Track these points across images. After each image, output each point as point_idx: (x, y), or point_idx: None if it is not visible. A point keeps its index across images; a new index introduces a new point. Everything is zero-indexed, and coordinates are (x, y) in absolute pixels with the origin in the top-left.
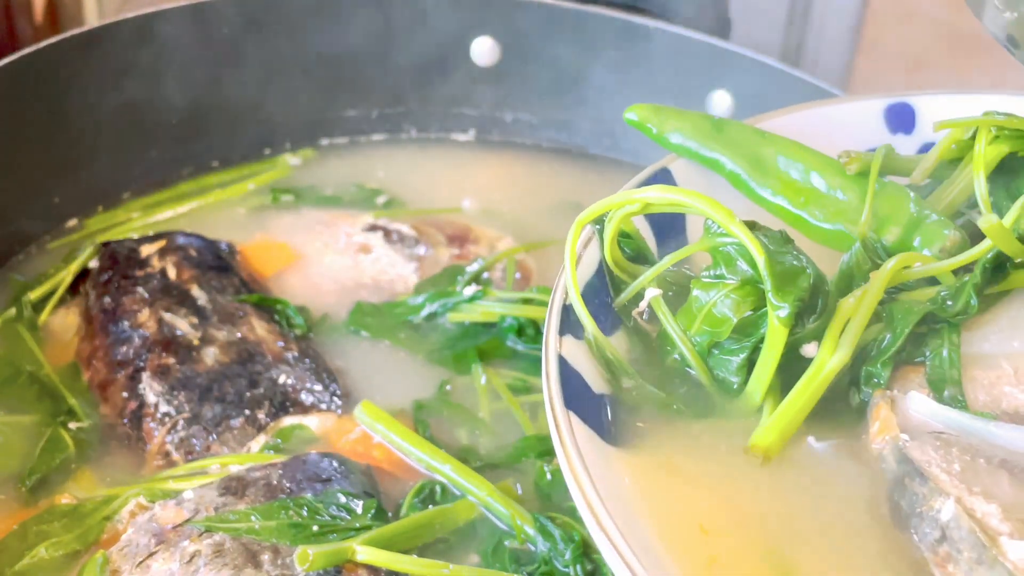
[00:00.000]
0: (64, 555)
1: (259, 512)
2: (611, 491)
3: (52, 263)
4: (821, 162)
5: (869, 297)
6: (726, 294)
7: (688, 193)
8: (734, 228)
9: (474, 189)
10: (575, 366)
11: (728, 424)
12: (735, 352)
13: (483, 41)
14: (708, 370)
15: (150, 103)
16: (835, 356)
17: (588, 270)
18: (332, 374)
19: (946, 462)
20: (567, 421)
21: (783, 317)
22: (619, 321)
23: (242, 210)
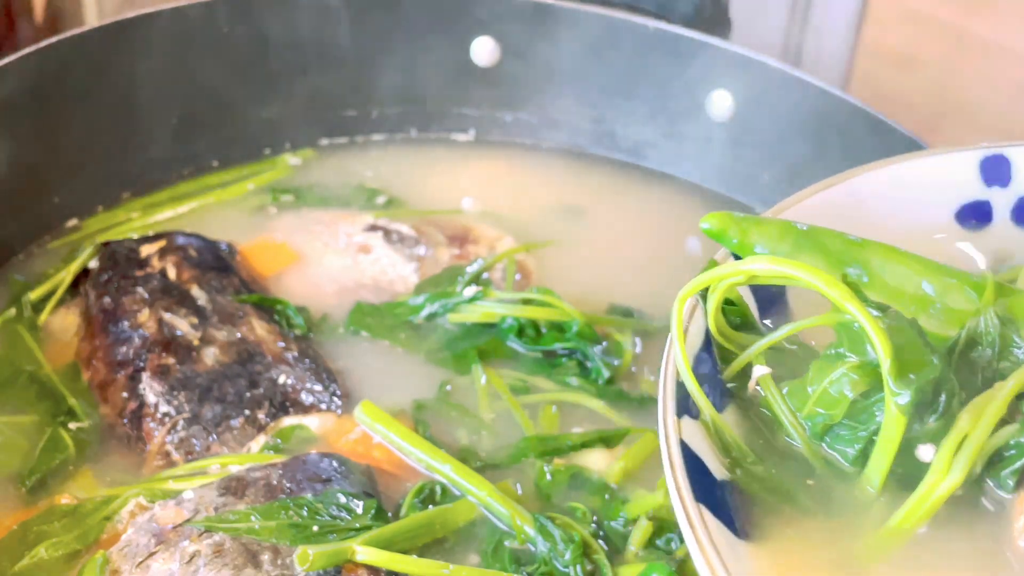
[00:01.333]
0: (64, 555)
1: (259, 512)
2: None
3: (52, 263)
4: (928, 267)
5: (989, 414)
6: (844, 372)
7: (801, 267)
8: (849, 305)
9: (474, 189)
10: (696, 451)
11: (843, 518)
12: (850, 441)
13: (483, 41)
14: (821, 457)
15: (150, 103)
16: (947, 479)
17: (695, 341)
18: (332, 374)
19: None
20: (699, 517)
21: (902, 405)
22: (727, 395)
23: (242, 210)
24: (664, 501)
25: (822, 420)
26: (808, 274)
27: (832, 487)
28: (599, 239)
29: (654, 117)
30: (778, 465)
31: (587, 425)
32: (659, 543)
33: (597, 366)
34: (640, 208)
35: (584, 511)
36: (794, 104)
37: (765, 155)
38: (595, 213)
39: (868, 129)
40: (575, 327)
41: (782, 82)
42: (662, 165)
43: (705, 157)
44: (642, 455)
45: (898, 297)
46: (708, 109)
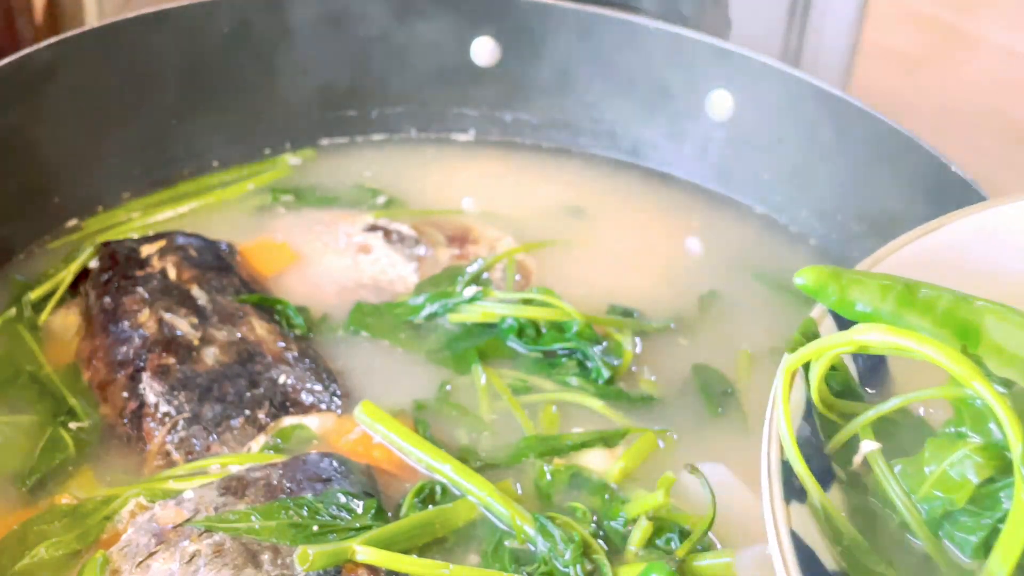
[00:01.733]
0: (64, 555)
1: (259, 512)
2: None
3: (52, 263)
4: None
5: None
6: (967, 455)
7: (921, 339)
8: (976, 383)
9: (474, 189)
10: (808, 542)
11: None
12: (972, 529)
13: (483, 41)
14: (940, 546)
15: (150, 103)
16: None
17: (798, 410)
18: (332, 374)
19: None
20: None
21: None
22: (830, 473)
23: (242, 210)
24: (664, 501)
25: (940, 505)
26: (929, 348)
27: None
28: (599, 239)
29: (654, 117)
30: (890, 554)
31: (587, 425)
32: (659, 543)
33: (597, 366)
34: (640, 208)
35: (584, 511)
36: (794, 104)
37: (765, 155)
38: (595, 213)
39: (868, 129)
40: (575, 327)
41: (782, 82)
42: (662, 165)
43: (705, 157)
44: (642, 455)
45: (1016, 364)
46: (708, 109)
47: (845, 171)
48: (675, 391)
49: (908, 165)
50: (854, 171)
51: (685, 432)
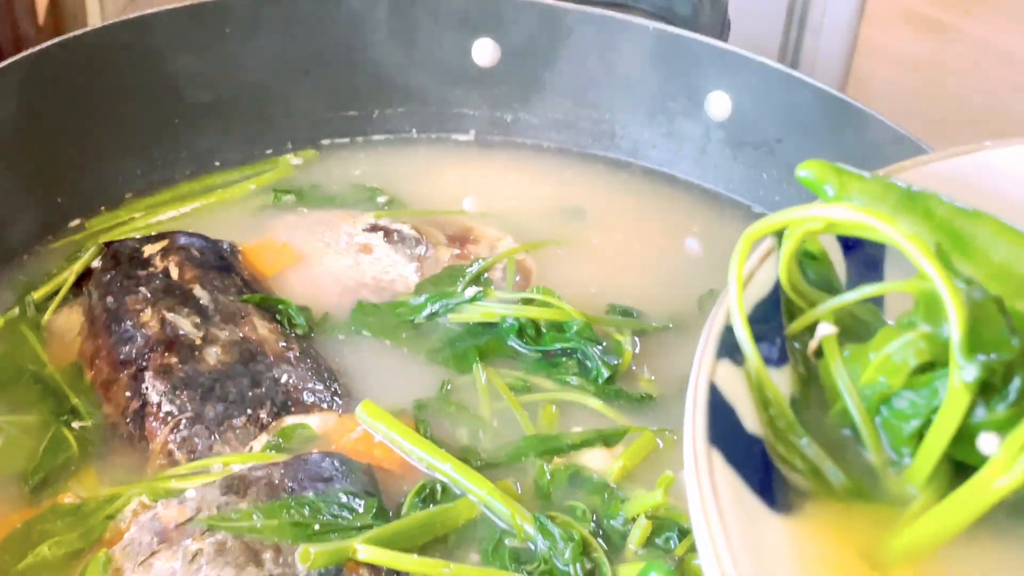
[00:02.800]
0: (67, 554)
1: (261, 511)
2: (751, 559)
3: (55, 263)
4: None
5: None
6: (912, 339)
7: (883, 218)
8: (928, 265)
9: (474, 189)
10: (728, 397)
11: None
12: (908, 416)
13: (483, 41)
14: (874, 430)
15: (152, 103)
16: (1007, 475)
17: (762, 288)
18: (333, 374)
19: None
20: (708, 461)
21: (967, 381)
22: (787, 354)
23: (244, 210)
24: (663, 500)
25: (880, 389)
26: (889, 226)
27: (879, 469)
28: (599, 239)
29: (654, 117)
30: (823, 435)
31: (587, 424)
32: (658, 542)
33: (597, 366)
34: (640, 208)
35: (584, 510)
36: (793, 104)
37: (764, 155)
38: (595, 213)
39: (866, 129)
40: (575, 327)
41: (780, 83)
42: (662, 165)
43: (704, 157)
44: (641, 454)
45: (1003, 277)
46: (707, 109)
47: None
48: (675, 390)
49: None
50: None
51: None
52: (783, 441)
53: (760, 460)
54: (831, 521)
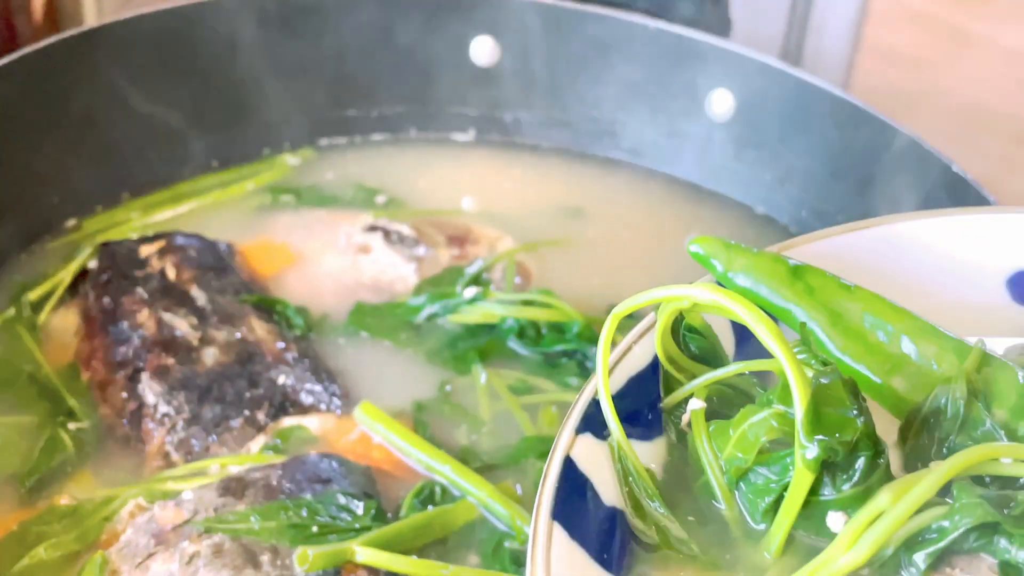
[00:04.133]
0: (63, 556)
1: (259, 513)
2: None
3: (51, 263)
4: (915, 326)
5: (915, 494)
6: (765, 417)
7: (735, 298)
8: (774, 347)
9: (474, 189)
10: (584, 471)
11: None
12: (763, 492)
13: (483, 41)
14: (733, 503)
15: (149, 103)
16: (849, 554)
17: (641, 362)
18: (331, 375)
19: None
20: (547, 536)
21: (808, 460)
22: (663, 427)
23: (242, 210)
24: None
25: (738, 464)
26: (741, 308)
27: (735, 541)
28: (599, 239)
29: (654, 117)
30: (685, 509)
31: None
32: None
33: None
34: (640, 208)
35: None
36: (794, 104)
37: (765, 155)
38: (595, 213)
39: (868, 129)
40: (575, 328)
41: (782, 82)
42: (662, 165)
43: (705, 157)
44: None
45: (875, 352)
46: (708, 109)
47: (846, 171)
48: None
49: (909, 165)
50: (855, 171)
51: None
52: (640, 513)
53: (610, 532)
54: None
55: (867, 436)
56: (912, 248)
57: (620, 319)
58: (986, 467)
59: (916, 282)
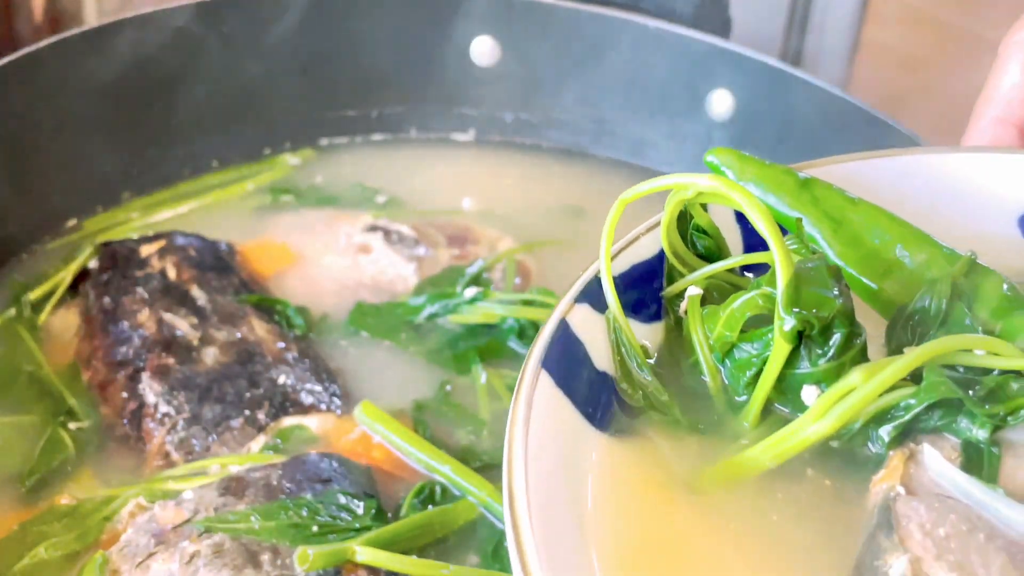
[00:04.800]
0: (64, 555)
1: (259, 512)
2: (554, 466)
3: (51, 263)
4: (911, 234)
5: (887, 374)
6: (753, 296)
7: (732, 185)
8: (763, 228)
9: (474, 189)
10: (578, 334)
11: (712, 440)
12: (746, 365)
13: (483, 41)
14: (718, 376)
15: (149, 103)
16: (817, 424)
17: (648, 252)
18: (332, 374)
19: (932, 524)
20: (533, 381)
21: (785, 331)
22: (660, 312)
23: (242, 210)
24: None
25: (725, 340)
26: (738, 194)
27: (717, 412)
28: (599, 239)
29: (654, 117)
30: (673, 384)
31: None
32: None
33: None
34: (640, 208)
35: None
36: (794, 104)
37: (765, 155)
38: (595, 213)
39: (868, 129)
40: None
41: (782, 82)
42: (662, 165)
43: None
44: None
45: (871, 257)
46: (708, 109)
47: None
48: None
49: None
50: None
51: None
52: (629, 379)
53: (597, 391)
54: (659, 450)
55: (844, 315)
56: (927, 179)
57: (626, 204)
58: (959, 357)
59: (928, 212)
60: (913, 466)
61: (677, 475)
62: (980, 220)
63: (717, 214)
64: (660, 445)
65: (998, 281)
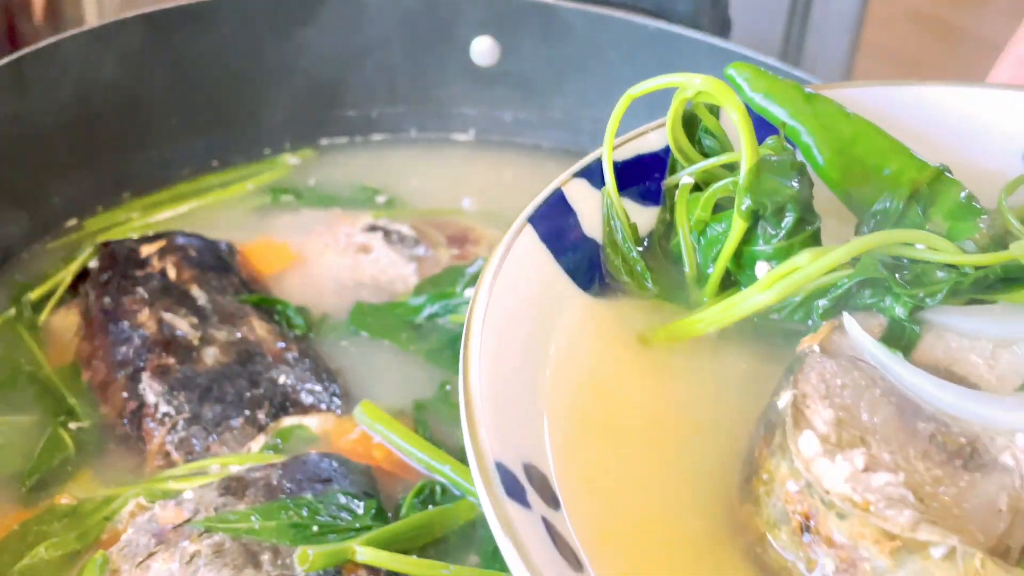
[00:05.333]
0: (64, 555)
1: (259, 512)
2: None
3: (52, 263)
4: (893, 146)
5: (831, 257)
6: (725, 183)
7: (720, 87)
8: (738, 121)
9: (474, 189)
10: (572, 203)
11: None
12: (714, 242)
13: (483, 41)
14: (692, 252)
15: (149, 103)
16: (759, 295)
17: (655, 145)
18: (332, 374)
19: (832, 375)
20: (516, 233)
21: (742, 210)
22: (661, 199)
23: (242, 210)
24: None
25: (700, 220)
26: (723, 94)
27: (689, 283)
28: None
29: (654, 117)
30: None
31: None
32: None
33: None
34: None
35: None
36: None
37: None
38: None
39: None
40: None
41: None
42: None
43: None
44: None
45: (854, 164)
46: None
47: None
48: None
49: None
50: None
51: None
52: (614, 249)
53: (582, 254)
54: (626, 310)
55: (797, 202)
56: (938, 110)
57: (633, 99)
58: (901, 249)
59: (937, 142)
60: (837, 334)
61: (637, 332)
62: (987, 154)
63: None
64: (629, 307)
65: (958, 189)
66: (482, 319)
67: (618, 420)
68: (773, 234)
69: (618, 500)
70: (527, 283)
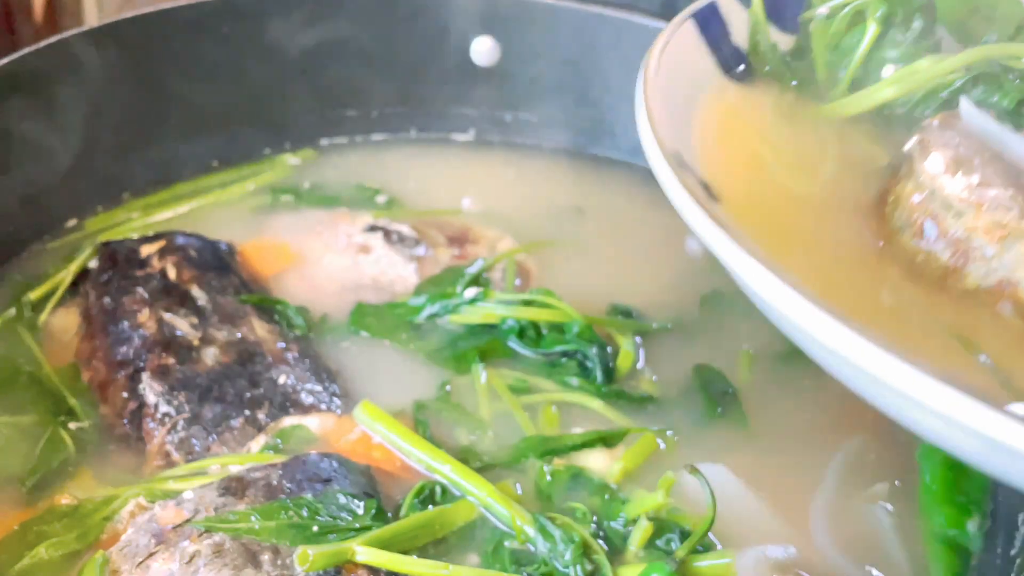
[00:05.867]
0: (64, 555)
1: (259, 512)
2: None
3: (52, 263)
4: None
5: (949, 61)
6: (860, 3)
7: None
8: None
9: (474, 189)
10: (724, 15)
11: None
12: (849, 50)
13: (483, 41)
14: (825, 61)
15: (149, 103)
16: (888, 88)
17: None
18: (332, 374)
19: (952, 135)
20: (679, 24)
21: (877, 16)
22: (797, 30)
23: (242, 210)
24: (664, 502)
25: (836, 35)
26: None
27: (822, 84)
28: (599, 239)
29: None
30: (791, 65)
31: (587, 425)
32: (659, 543)
33: (597, 367)
34: (640, 208)
35: (584, 511)
36: None
37: None
38: (595, 213)
39: None
40: (575, 328)
41: None
42: None
43: None
44: (642, 455)
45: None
46: None
47: None
48: (675, 391)
49: None
50: None
51: (685, 432)
52: (757, 52)
53: (732, 52)
54: (767, 96)
55: (925, 12)
56: None
57: None
58: (1009, 61)
59: None
60: (954, 118)
61: (776, 111)
62: None
63: None
64: (770, 94)
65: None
66: (656, 65)
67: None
68: (901, 40)
69: (762, 200)
70: (686, 62)
